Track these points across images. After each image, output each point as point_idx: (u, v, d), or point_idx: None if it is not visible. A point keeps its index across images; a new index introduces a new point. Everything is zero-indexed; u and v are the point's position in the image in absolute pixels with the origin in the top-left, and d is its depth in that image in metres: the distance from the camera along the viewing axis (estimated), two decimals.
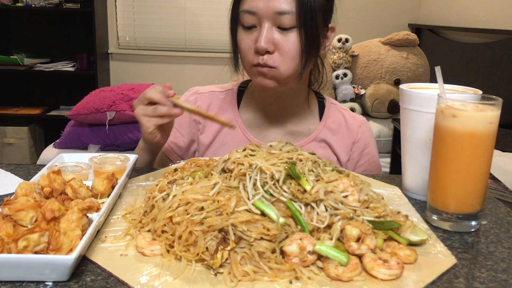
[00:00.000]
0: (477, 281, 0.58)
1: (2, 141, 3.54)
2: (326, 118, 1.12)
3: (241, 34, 0.98)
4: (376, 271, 0.57)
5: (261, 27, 0.94)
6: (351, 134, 1.11)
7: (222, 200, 0.61)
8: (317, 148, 1.09)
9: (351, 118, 1.14)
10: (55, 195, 0.71)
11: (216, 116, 0.89)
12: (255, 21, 0.95)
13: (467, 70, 2.91)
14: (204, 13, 3.76)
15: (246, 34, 0.97)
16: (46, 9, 3.54)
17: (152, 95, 0.88)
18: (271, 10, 0.92)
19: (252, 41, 0.96)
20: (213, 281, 0.55)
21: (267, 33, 0.93)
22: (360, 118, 1.15)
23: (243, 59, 1.01)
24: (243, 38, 0.98)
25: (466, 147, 0.70)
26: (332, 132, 1.11)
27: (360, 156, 1.12)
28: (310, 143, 1.09)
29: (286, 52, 0.95)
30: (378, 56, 2.89)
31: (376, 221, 0.64)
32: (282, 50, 0.94)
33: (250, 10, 0.94)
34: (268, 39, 0.93)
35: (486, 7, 2.86)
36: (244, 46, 0.98)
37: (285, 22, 0.93)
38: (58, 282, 0.54)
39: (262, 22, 0.94)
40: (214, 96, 1.13)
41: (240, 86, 1.15)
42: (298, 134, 1.10)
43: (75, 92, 3.22)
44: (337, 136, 1.11)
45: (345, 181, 0.67)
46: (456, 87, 0.85)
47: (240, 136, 1.09)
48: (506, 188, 1.37)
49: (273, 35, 0.94)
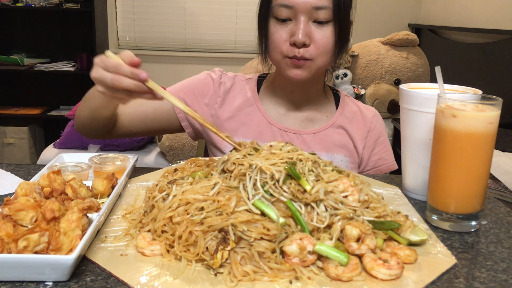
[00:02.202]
0: (477, 281, 0.58)
1: (2, 141, 3.54)
2: (342, 107, 1.15)
3: (275, 26, 1.00)
4: (376, 271, 0.57)
5: (297, 21, 0.97)
6: (366, 123, 1.15)
7: (222, 200, 0.61)
8: (335, 134, 1.12)
9: (365, 109, 1.18)
10: (55, 195, 0.71)
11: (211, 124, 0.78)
12: (291, 15, 0.97)
13: (467, 70, 2.90)
14: (204, 13, 3.76)
15: (280, 26, 0.99)
16: (46, 9, 3.54)
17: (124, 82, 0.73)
18: (309, 5, 0.95)
19: (286, 33, 0.98)
20: (213, 281, 0.55)
21: (305, 27, 0.96)
22: (373, 109, 1.19)
23: (273, 51, 1.02)
24: (276, 29, 1.00)
25: (466, 147, 0.70)
26: (349, 120, 1.14)
27: (375, 145, 1.15)
28: (328, 129, 1.12)
29: (321, 45, 0.98)
30: (378, 56, 2.88)
31: (376, 221, 0.64)
32: (318, 43, 0.98)
33: (288, 4, 0.96)
34: (305, 32, 0.96)
35: (486, 7, 2.86)
36: (277, 37, 0.99)
37: (322, 17, 0.96)
38: (58, 282, 0.54)
39: (298, 16, 0.97)
40: (237, 79, 1.15)
41: (260, 76, 1.18)
42: (317, 120, 1.13)
43: (75, 92, 3.22)
44: (353, 124, 1.14)
45: (345, 181, 0.67)
46: (456, 87, 0.85)
47: (260, 118, 1.11)
48: (506, 188, 1.37)
49: (310, 28, 0.97)
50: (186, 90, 1.11)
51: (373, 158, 1.15)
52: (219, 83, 1.12)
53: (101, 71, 0.75)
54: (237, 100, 1.11)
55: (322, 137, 1.11)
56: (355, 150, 1.12)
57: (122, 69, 0.73)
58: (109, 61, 0.75)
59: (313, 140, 1.10)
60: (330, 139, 1.11)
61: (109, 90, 0.76)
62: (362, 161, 1.14)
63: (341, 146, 1.11)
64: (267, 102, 1.13)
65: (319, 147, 1.09)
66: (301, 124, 1.12)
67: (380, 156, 1.16)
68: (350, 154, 1.12)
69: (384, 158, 1.16)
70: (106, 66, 0.75)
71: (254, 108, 1.11)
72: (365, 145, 1.14)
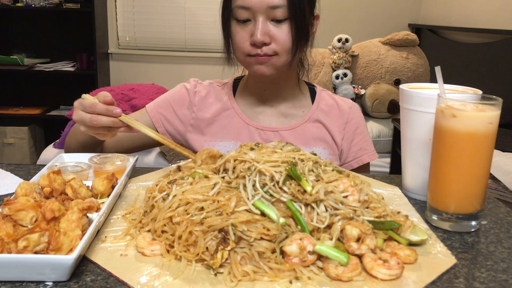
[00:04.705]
0: (477, 281, 0.58)
1: (2, 141, 3.54)
2: (318, 101, 1.18)
3: (235, 27, 1.04)
4: (376, 271, 0.57)
5: (255, 21, 1.00)
6: (342, 114, 1.17)
7: (222, 200, 0.61)
8: (312, 128, 1.14)
9: (342, 101, 1.20)
10: (55, 195, 0.71)
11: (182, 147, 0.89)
12: (249, 15, 1.01)
13: (467, 70, 2.90)
14: (204, 13, 3.76)
15: (240, 27, 1.03)
16: (46, 9, 3.54)
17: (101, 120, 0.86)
18: (265, 4, 0.98)
19: (247, 33, 1.02)
20: (213, 281, 0.55)
21: (263, 26, 0.99)
22: (350, 101, 1.21)
23: (236, 50, 1.06)
24: (237, 30, 1.03)
25: (466, 147, 0.70)
26: (325, 113, 1.16)
27: (354, 135, 1.17)
28: (305, 123, 1.14)
29: (281, 42, 1.01)
30: (378, 56, 2.88)
31: (376, 221, 0.64)
32: (278, 40, 1.01)
33: (245, 6, 1.00)
34: (264, 32, 0.99)
35: (486, 7, 2.86)
36: (239, 38, 1.03)
37: (278, 15, 0.99)
38: (58, 282, 0.54)
39: (256, 16, 1.00)
40: (212, 86, 1.19)
41: (235, 79, 1.21)
42: (292, 116, 1.16)
43: (75, 92, 3.18)
44: (330, 117, 1.16)
45: (345, 181, 0.67)
46: (456, 87, 0.85)
47: (237, 120, 1.14)
48: (506, 188, 1.37)
49: (268, 27, 1.00)
50: (163, 104, 1.15)
51: (353, 149, 1.17)
52: (193, 92, 1.16)
53: (80, 113, 0.86)
54: (214, 106, 1.15)
55: (300, 132, 1.14)
56: (334, 142, 1.15)
57: (98, 107, 0.85)
58: (86, 102, 0.86)
59: (290, 135, 1.13)
60: (307, 133, 1.14)
61: (90, 129, 0.87)
62: (343, 152, 1.16)
63: (319, 139, 1.14)
64: (243, 103, 1.16)
65: (297, 142, 1.11)
66: (277, 121, 1.14)
67: (360, 147, 1.18)
68: (329, 147, 1.14)
69: (364, 148, 1.18)
70: (84, 107, 0.86)
71: (231, 111, 1.14)
72: (344, 136, 1.16)
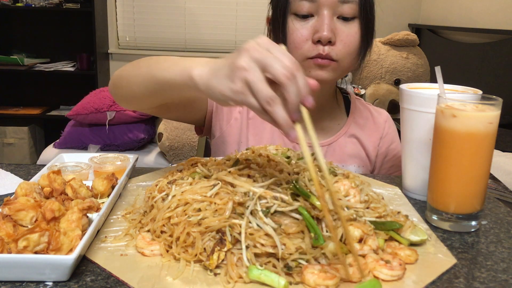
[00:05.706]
0: (477, 281, 0.58)
1: (2, 141, 3.54)
2: (353, 113, 1.08)
3: (294, 23, 0.90)
4: (378, 272, 0.57)
5: (320, 16, 0.88)
6: (378, 128, 1.08)
7: (218, 203, 0.60)
8: (347, 144, 1.06)
9: (376, 113, 1.11)
10: (55, 195, 0.71)
11: None
12: (312, 9, 0.88)
13: (467, 70, 2.90)
14: (204, 13, 3.76)
15: (300, 23, 0.89)
16: (46, 9, 3.54)
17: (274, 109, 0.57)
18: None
19: (308, 31, 0.89)
20: (212, 281, 0.55)
21: (330, 22, 0.87)
22: (385, 113, 1.12)
23: (294, 51, 0.90)
24: (296, 28, 0.89)
25: (466, 147, 0.70)
26: (360, 127, 1.07)
27: (388, 151, 1.09)
28: (340, 138, 1.06)
29: (348, 43, 0.89)
30: (378, 56, 2.88)
31: (377, 222, 0.64)
32: (344, 41, 0.89)
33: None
34: (331, 28, 0.87)
35: (486, 7, 2.86)
36: (298, 36, 0.89)
37: (347, 12, 0.88)
38: (58, 282, 0.54)
39: (321, 11, 0.87)
40: None
41: None
42: (329, 129, 1.06)
43: (75, 92, 3.22)
44: (365, 132, 1.07)
45: (345, 183, 0.67)
46: (456, 87, 0.85)
47: (272, 128, 1.02)
48: (506, 188, 1.37)
49: (335, 25, 0.88)
50: None
51: (385, 166, 1.10)
52: None
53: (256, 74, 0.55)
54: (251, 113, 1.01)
55: (335, 148, 1.05)
56: (368, 158, 1.07)
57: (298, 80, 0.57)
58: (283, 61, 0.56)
59: (327, 152, 1.04)
60: (343, 149, 1.05)
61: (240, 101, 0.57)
62: (375, 169, 1.09)
63: (354, 156, 1.05)
64: None
65: (333, 158, 1.04)
66: None
67: (393, 163, 1.10)
68: (363, 164, 1.07)
69: (396, 165, 1.10)
70: None
71: None
72: (378, 152, 1.08)
